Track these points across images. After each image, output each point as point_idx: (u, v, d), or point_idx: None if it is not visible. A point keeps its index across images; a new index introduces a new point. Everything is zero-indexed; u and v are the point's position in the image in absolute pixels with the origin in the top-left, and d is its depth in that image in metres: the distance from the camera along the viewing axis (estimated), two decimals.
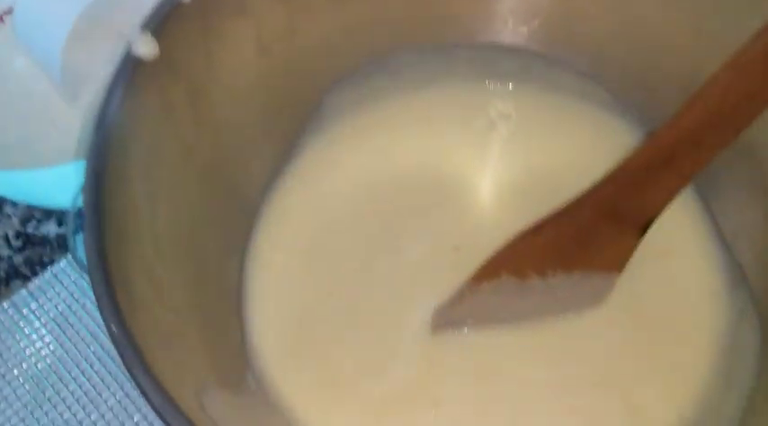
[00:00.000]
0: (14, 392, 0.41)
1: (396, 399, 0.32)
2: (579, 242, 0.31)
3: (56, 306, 0.43)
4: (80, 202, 0.40)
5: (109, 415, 0.40)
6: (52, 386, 0.41)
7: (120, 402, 0.40)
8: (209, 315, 0.30)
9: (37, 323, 0.43)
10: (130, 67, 0.26)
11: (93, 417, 0.40)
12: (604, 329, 0.33)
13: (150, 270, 0.26)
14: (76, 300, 0.43)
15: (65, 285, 0.44)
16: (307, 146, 0.38)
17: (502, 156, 0.37)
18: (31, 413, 0.40)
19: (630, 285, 0.33)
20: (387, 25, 0.37)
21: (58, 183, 0.42)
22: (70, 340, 0.42)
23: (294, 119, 0.38)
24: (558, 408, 0.32)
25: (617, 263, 0.32)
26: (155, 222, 0.28)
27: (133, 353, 0.20)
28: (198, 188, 0.31)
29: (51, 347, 0.42)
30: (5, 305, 0.43)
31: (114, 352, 0.21)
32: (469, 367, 0.33)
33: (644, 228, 0.31)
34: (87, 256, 0.23)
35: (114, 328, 0.21)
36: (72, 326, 0.43)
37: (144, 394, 0.20)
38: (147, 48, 0.26)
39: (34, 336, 0.43)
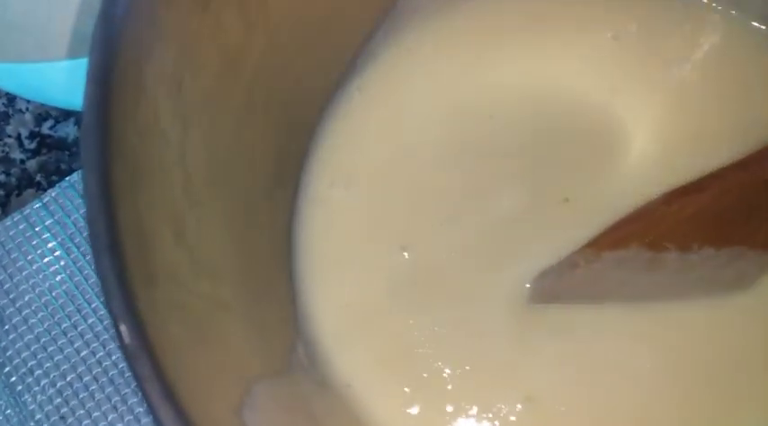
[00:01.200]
0: (26, 321, 0.36)
1: (479, 388, 0.26)
2: (746, 210, 0.24)
3: (74, 224, 0.37)
4: None
5: None
6: (69, 317, 0.36)
7: None
8: (251, 276, 0.23)
9: (52, 243, 0.37)
10: None
11: (114, 357, 0.35)
12: (745, 323, 0.26)
13: (179, 221, 0.20)
14: None
15: None
16: (378, 56, 0.30)
17: (640, 81, 0.28)
18: (44, 348, 0.35)
19: None
20: None
21: (78, 80, 0.34)
22: (91, 265, 0.37)
23: (363, 19, 0.30)
24: (677, 420, 0.25)
25: None
26: (185, 152, 0.21)
27: (154, 377, 0.14)
28: (242, 105, 0.24)
29: (69, 271, 0.37)
30: (16, 218, 0.38)
31: None
32: (571, 353, 0.26)
33: None
34: (87, 208, 0.16)
35: (128, 337, 0.14)
36: None
37: None
38: None
39: (49, 258, 0.37)
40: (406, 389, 0.26)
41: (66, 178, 0.38)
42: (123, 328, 0.14)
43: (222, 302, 0.20)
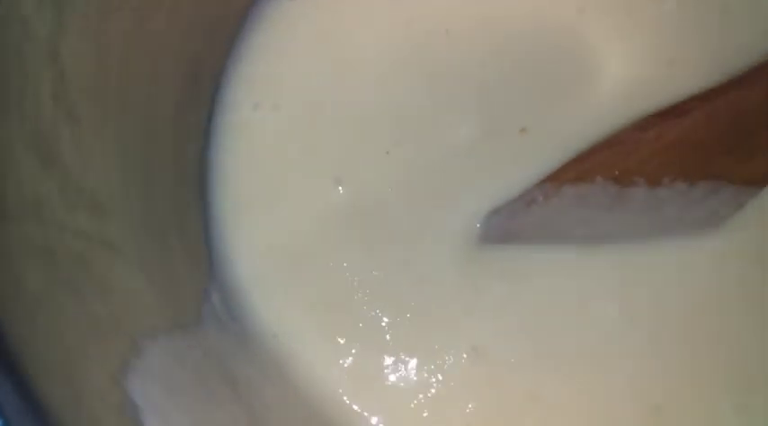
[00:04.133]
0: None
1: (421, 337, 0.23)
2: (731, 139, 0.21)
3: None
4: None
5: None
6: None
7: None
8: (151, 212, 0.19)
9: None
10: None
11: None
12: (716, 266, 0.24)
13: (47, 140, 0.15)
14: None
15: None
16: None
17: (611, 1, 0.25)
18: None
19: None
20: None
21: None
22: None
23: None
24: (642, 374, 0.23)
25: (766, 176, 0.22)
26: (59, 47, 0.16)
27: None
28: None
29: None
30: None
31: None
32: (524, 300, 0.24)
33: None
34: None
35: None
36: None
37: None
38: None
39: None
40: (339, 339, 0.23)
41: None
42: None
43: (107, 241, 0.16)
